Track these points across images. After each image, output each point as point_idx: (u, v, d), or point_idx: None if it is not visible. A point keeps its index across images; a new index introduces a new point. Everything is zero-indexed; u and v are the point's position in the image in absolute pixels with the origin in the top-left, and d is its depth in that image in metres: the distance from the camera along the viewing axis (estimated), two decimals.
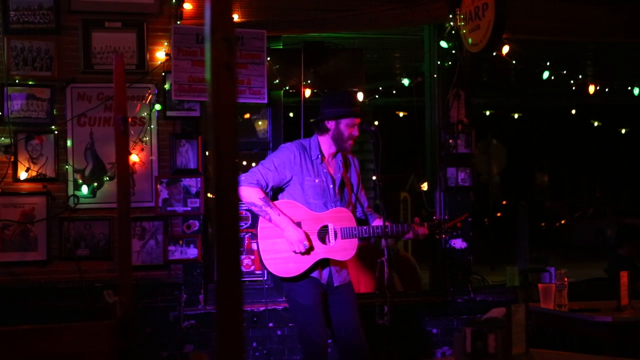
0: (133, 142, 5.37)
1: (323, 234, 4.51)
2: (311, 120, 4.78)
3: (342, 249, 4.53)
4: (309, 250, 4.45)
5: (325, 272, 4.55)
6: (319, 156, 4.60)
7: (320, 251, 4.49)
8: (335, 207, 4.57)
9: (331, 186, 4.58)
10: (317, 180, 4.54)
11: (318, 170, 4.57)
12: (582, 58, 8.73)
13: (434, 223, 4.77)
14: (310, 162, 4.57)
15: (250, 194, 4.43)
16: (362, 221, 4.70)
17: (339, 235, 4.51)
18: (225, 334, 1.52)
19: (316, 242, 4.49)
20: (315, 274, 4.51)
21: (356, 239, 4.55)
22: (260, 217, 4.49)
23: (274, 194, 4.58)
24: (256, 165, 4.61)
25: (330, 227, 4.51)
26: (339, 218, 4.55)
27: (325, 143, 4.62)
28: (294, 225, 4.43)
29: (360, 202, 4.78)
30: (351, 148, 4.67)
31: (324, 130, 4.61)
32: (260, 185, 4.45)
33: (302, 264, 4.46)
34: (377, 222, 4.70)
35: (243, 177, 4.47)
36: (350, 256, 4.58)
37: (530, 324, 3.62)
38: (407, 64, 7.97)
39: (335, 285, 4.56)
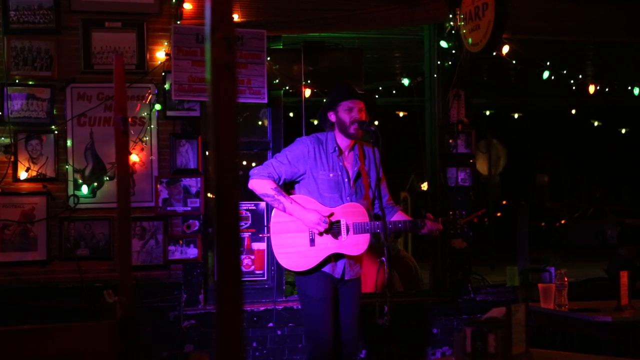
0: (133, 142, 5.37)
1: (335, 228, 4.52)
2: (316, 121, 4.79)
3: (353, 244, 4.54)
4: (328, 230, 4.46)
5: (340, 266, 4.56)
6: (336, 149, 4.59)
7: (332, 246, 4.50)
8: (351, 200, 4.57)
9: (346, 180, 4.58)
10: (331, 175, 4.54)
11: (334, 164, 4.57)
12: (582, 58, 8.73)
13: (449, 218, 4.72)
14: (325, 156, 4.56)
15: (262, 185, 4.47)
16: (377, 216, 4.69)
17: (351, 230, 4.52)
18: (225, 334, 1.52)
19: (328, 237, 4.50)
20: (327, 269, 4.52)
21: (368, 234, 4.56)
22: (274, 212, 4.51)
23: (288, 187, 4.59)
24: (267, 160, 4.63)
25: (343, 222, 4.52)
26: (352, 213, 4.55)
27: (339, 136, 4.62)
28: (307, 210, 4.44)
29: (380, 194, 4.75)
30: (359, 133, 4.58)
31: (331, 126, 4.63)
32: (273, 177, 4.47)
33: (313, 259, 4.47)
34: (396, 217, 4.68)
35: (256, 170, 4.50)
36: (361, 251, 4.59)
37: (530, 324, 3.62)
38: (407, 64, 7.96)
39: (346, 278, 4.58)
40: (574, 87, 6.52)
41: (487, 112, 12.80)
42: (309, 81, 5.91)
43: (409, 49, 7.55)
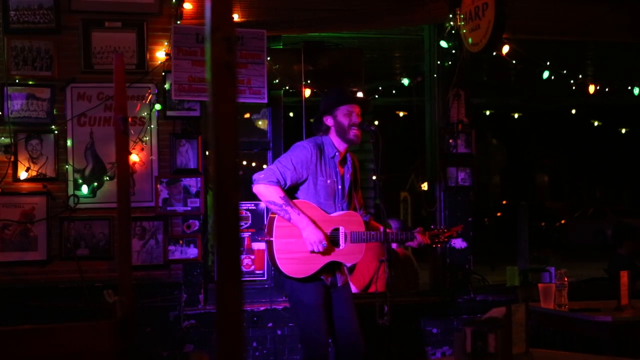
0: (133, 142, 5.37)
1: (334, 237, 4.51)
2: (312, 120, 4.78)
3: (350, 252, 4.54)
4: (327, 250, 4.46)
5: (331, 274, 4.57)
6: (336, 154, 4.59)
7: (330, 254, 4.50)
8: (342, 207, 4.58)
9: (340, 187, 4.58)
10: (329, 181, 4.54)
11: (331, 170, 4.56)
12: (582, 58, 8.73)
13: (432, 233, 4.77)
14: (324, 162, 4.55)
15: (270, 193, 4.41)
16: (367, 224, 4.69)
17: (348, 239, 4.51)
18: (225, 334, 1.52)
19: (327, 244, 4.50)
20: (322, 276, 4.53)
21: (364, 244, 4.56)
22: (277, 216, 4.48)
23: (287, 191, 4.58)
24: (270, 164, 4.61)
25: (341, 230, 4.51)
26: (350, 222, 4.55)
27: (336, 141, 4.61)
28: (313, 226, 4.42)
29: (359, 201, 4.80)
30: (358, 138, 4.59)
31: (327, 131, 4.61)
32: (280, 184, 4.43)
33: (313, 266, 4.46)
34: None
35: (262, 175, 4.45)
36: (357, 260, 4.61)
37: (530, 324, 3.62)
38: (407, 64, 7.96)
39: (338, 285, 4.58)
40: (574, 87, 6.52)
41: (487, 112, 12.81)
42: (309, 81, 5.90)
43: (409, 49, 7.55)
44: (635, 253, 6.87)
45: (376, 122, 9.31)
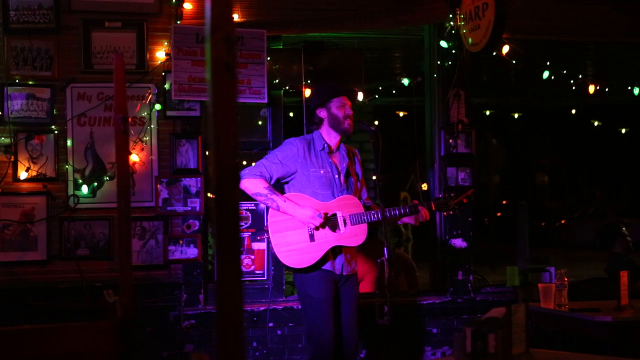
0: (133, 142, 5.37)
1: (332, 222, 4.53)
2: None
3: (352, 235, 4.56)
4: (323, 224, 4.48)
5: (338, 261, 4.58)
6: (325, 146, 4.65)
7: (332, 239, 4.52)
8: (342, 195, 4.60)
9: (337, 176, 4.62)
10: (322, 172, 4.58)
11: (323, 161, 4.62)
12: (582, 58, 8.73)
13: (440, 202, 4.77)
14: (314, 155, 4.62)
15: (254, 185, 4.49)
16: (366, 207, 4.72)
17: (348, 222, 4.54)
18: (225, 334, 1.52)
19: (326, 231, 4.51)
20: (328, 266, 4.54)
21: (365, 224, 4.58)
22: (270, 211, 4.54)
23: (280, 188, 4.62)
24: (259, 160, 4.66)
25: (339, 214, 4.54)
26: (346, 205, 4.58)
27: (329, 133, 4.66)
28: (300, 206, 4.47)
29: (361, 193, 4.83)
30: (351, 127, 4.66)
31: (320, 123, 4.68)
32: (264, 177, 4.51)
33: (314, 254, 4.49)
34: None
35: (247, 170, 4.55)
36: (361, 241, 4.61)
37: (530, 324, 3.62)
38: (407, 64, 7.96)
39: (345, 274, 4.60)
40: (574, 87, 6.52)
41: (487, 112, 12.80)
42: (309, 81, 5.90)
43: (409, 49, 7.55)
44: (628, 249, 6.93)
45: (376, 122, 9.30)
